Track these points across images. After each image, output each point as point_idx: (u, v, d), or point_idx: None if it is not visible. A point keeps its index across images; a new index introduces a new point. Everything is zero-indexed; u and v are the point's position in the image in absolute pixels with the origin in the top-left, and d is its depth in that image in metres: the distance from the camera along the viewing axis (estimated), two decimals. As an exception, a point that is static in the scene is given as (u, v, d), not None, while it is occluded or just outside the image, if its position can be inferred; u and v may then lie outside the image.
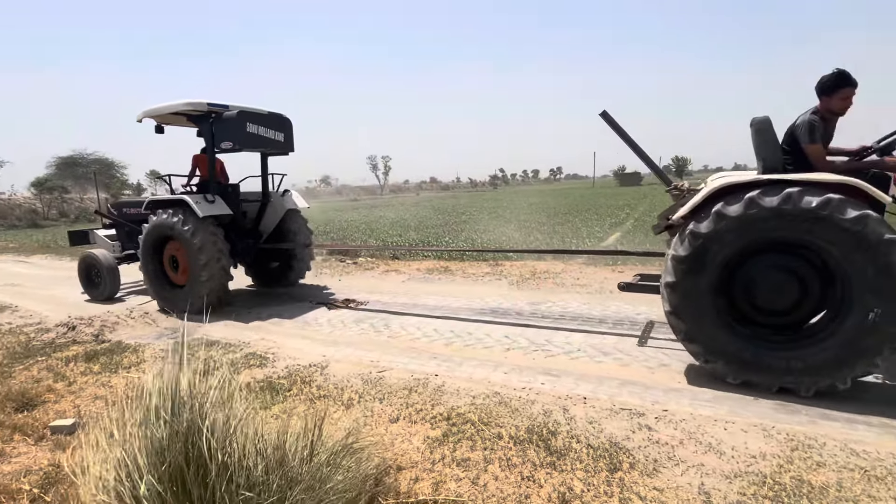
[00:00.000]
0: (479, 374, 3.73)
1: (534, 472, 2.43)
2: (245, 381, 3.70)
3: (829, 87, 3.41)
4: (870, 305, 2.94)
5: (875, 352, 2.94)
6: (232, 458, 1.73)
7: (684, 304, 3.37)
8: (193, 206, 5.66)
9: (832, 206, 2.93)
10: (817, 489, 2.21)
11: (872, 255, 2.89)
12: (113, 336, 5.10)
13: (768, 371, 3.20)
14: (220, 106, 5.82)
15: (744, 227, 3.15)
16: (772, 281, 3.24)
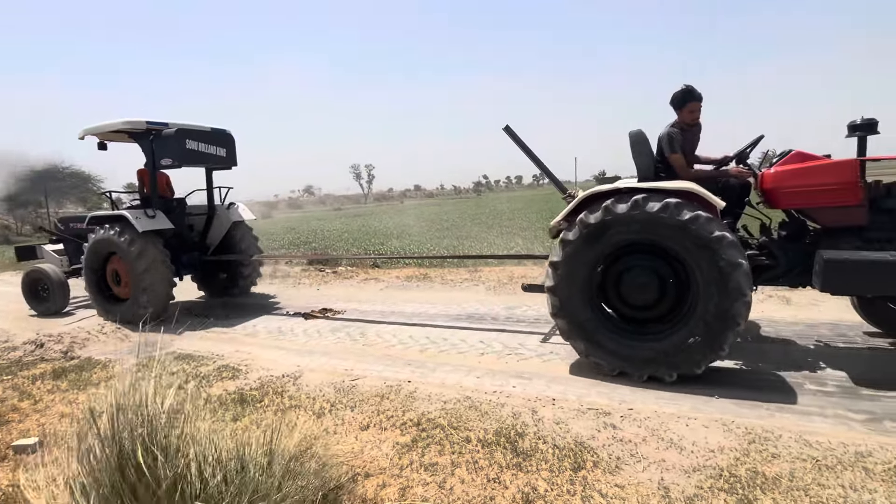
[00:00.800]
0: (452, 380, 3.76)
1: (500, 474, 2.47)
2: (216, 394, 3.67)
3: (677, 102, 3.87)
4: (713, 297, 3.25)
5: (723, 340, 3.26)
6: (187, 470, 1.73)
7: (563, 306, 3.65)
8: (133, 221, 5.82)
9: (670, 210, 3.26)
10: (771, 480, 2.28)
11: (706, 251, 3.21)
12: (83, 352, 5.01)
13: (640, 361, 3.48)
14: (159, 124, 6.00)
15: (606, 231, 3.46)
16: (635, 279, 3.56)
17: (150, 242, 5.91)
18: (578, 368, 3.82)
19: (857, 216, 3.42)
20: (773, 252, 3.69)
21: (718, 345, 3.27)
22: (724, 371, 3.61)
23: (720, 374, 3.57)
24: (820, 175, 3.43)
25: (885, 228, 3.41)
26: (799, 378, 3.41)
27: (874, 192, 3.44)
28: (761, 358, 3.84)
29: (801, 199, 3.54)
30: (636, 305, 3.61)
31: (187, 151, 6.02)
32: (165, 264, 6.02)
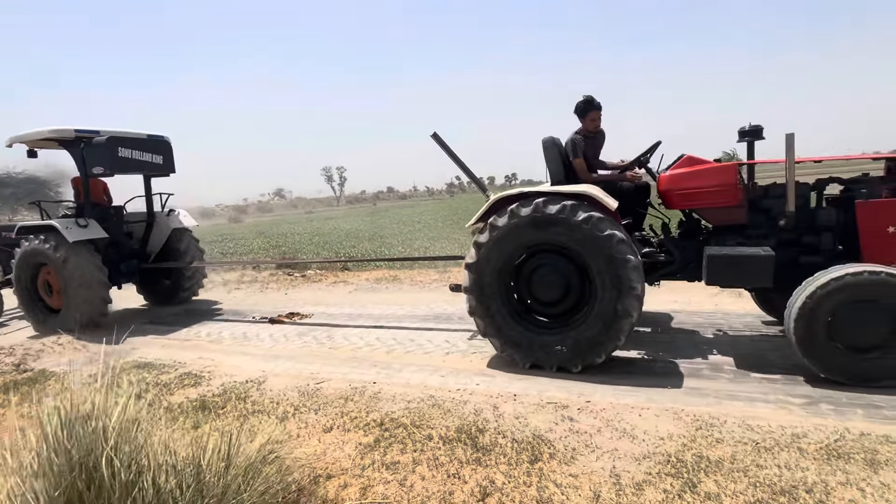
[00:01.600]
0: (417, 380, 3.81)
1: (459, 469, 2.52)
2: (178, 402, 3.61)
3: (579, 111, 4.20)
4: (608, 291, 3.49)
5: (618, 331, 3.51)
6: (139, 478, 1.72)
7: (479, 304, 3.84)
8: (63, 231, 5.70)
9: (566, 211, 3.50)
10: (714, 463, 2.41)
11: (599, 248, 3.46)
12: (37, 364, 4.84)
13: (550, 353, 3.71)
14: (89, 132, 5.90)
15: (512, 234, 3.67)
16: (542, 278, 3.79)
17: (82, 252, 5.80)
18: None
19: (738, 215, 3.72)
20: (669, 249, 3.95)
21: (615, 336, 3.52)
22: (678, 363, 3.77)
23: (674, 366, 3.73)
24: (705, 178, 3.70)
25: (762, 226, 3.72)
26: (745, 367, 3.59)
27: (753, 194, 3.76)
28: (713, 349, 4.02)
29: (691, 200, 3.81)
30: (545, 302, 3.84)
31: (120, 159, 5.94)
32: (98, 274, 5.90)
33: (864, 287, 2.99)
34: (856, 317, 3.02)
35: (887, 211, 3.33)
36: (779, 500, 2.11)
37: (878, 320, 3.01)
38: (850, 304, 3.02)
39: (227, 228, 34.24)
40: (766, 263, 3.33)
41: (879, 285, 2.96)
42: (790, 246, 3.63)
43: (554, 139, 4.21)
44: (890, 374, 3.06)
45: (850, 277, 2.98)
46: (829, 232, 3.57)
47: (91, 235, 5.92)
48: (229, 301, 7.56)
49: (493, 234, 3.72)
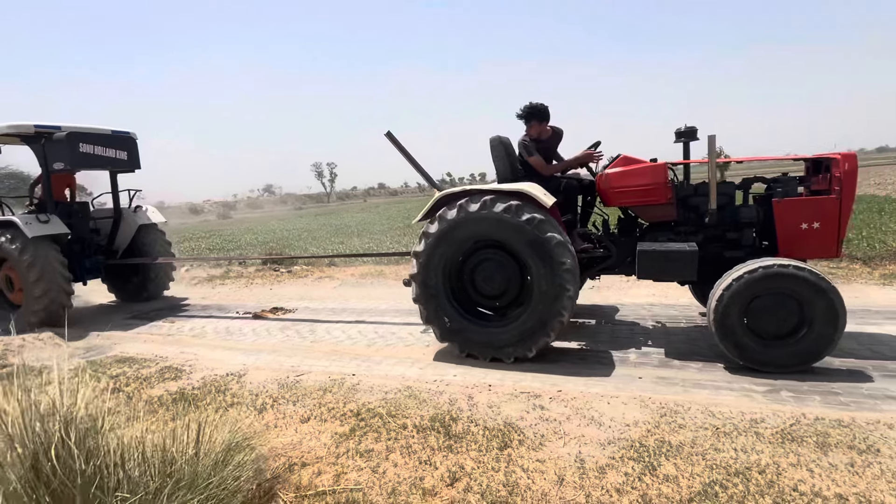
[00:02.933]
0: (396, 372, 3.87)
1: (431, 456, 2.59)
2: (157, 395, 3.64)
3: (525, 118, 4.34)
4: (542, 283, 3.62)
5: (548, 328, 3.66)
6: (105, 463, 1.76)
7: (423, 294, 3.98)
8: (22, 226, 5.68)
9: (487, 205, 3.66)
10: (675, 447, 2.50)
11: (526, 236, 3.60)
12: (16, 360, 4.82)
13: (484, 345, 3.88)
14: (50, 127, 5.87)
15: (451, 232, 3.81)
16: (483, 271, 3.94)
17: (43, 248, 5.76)
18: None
19: (668, 212, 3.89)
20: (607, 245, 4.10)
21: (557, 313, 3.64)
22: (650, 354, 3.88)
23: (646, 357, 3.83)
24: (637, 177, 3.84)
25: (691, 223, 3.88)
26: (714, 357, 3.69)
27: (683, 192, 3.90)
28: (685, 341, 4.14)
29: (625, 198, 3.95)
30: (486, 295, 3.99)
31: (81, 155, 5.92)
32: (59, 270, 5.86)
33: (774, 279, 3.15)
34: (768, 307, 3.18)
35: (800, 209, 3.50)
36: (732, 481, 2.20)
37: (788, 310, 3.18)
38: (763, 295, 3.20)
39: (215, 225, 33.96)
40: (690, 258, 3.49)
41: (787, 278, 3.13)
42: (715, 241, 3.81)
43: (501, 138, 4.31)
44: (800, 360, 3.24)
45: (761, 271, 3.14)
46: (750, 228, 3.75)
47: (51, 231, 5.88)
48: (214, 296, 7.57)
49: (441, 226, 3.85)
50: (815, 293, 3.10)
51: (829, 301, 3.09)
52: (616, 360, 3.82)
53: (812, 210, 3.51)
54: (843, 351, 3.61)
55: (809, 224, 3.51)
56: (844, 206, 3.44)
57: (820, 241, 3.53)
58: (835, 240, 3.51)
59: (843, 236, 3.53)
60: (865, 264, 6.04)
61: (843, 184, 3.41)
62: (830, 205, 3.45)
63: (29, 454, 1.66)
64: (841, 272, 5.88)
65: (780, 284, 3.16)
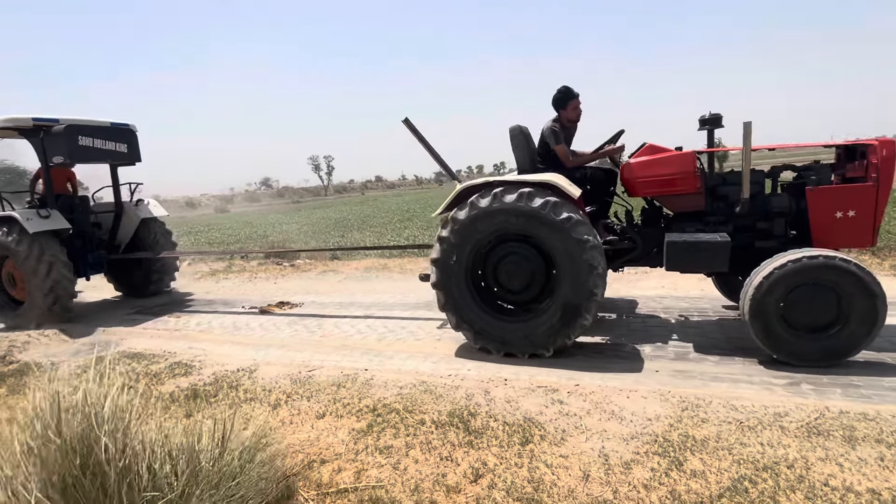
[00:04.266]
0: (409, 366, 3.84)
1: (452, 452, 2.56)
2: (168, 391, 3.60)
3: (558, 102, 4.22)
4: (569, 284, 3.52)
5: (585, 310, 3.54)
6: (134, 464, 1.72)
7: (445, 283, 3.89)
8: (23, 222, 5.59)
9: (523, 198, 3.54)
10: (699, 442, 2.47)
11: (559, 233, 3.49)
12: (23, 356, 4.77)
13: (503, 340, 3.80)
14: (48, 120, 5.76)
15: (474, 224, 3.71)
16: (507, 265, 3.83)
17: (43, 243, 5.67)
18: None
19: (696, 202, 3.80)
20: (632, 237, 4.02)
21: (582, 316, 3.56)
22: (665, 347, 3.85)
23: (662, 350, 3.81)
24: (664, 166, 3.77)
25: (720, 213, 3.80)
26: (731, 350, 3.67)
27: (711, 181, 3.82)
28: (700, 333, 4.11)
29: (651, 188, 3.88)
30: (512, 290, 3.88)
31: (80, 148, 5.83)
32: (61, 265, 5.77)
33: (810, 271, 3.09)
34: (805, 299, 3.12)
35: (834, 197, 3.44)
36: (762, 476, 2.18)
37: (826, 302, 3.12)
38: (800, 286, 3.14)
39: (213, 219, 33.79)
40: (722, 249, 3.42)
41: (823, 269, 3.07)
42: (746, 231, 3.73)
43: (521, 127, 4.23)
44: (826, 355, 3.18)
45: (806, 260, 3.07)
46: (782, 218, 3.68)
47: (53, 226, 5.80)
48: (218, 291, 7.50)
49: (454, 227, 3.78)
50: (862, 292, 3.02)
51: (873, 303, 3.02)
52: (632, 353, 3.79)
53: (847, 198, 3.42)
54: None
55: (844, 212, 3.43)
56: (882, 193, 3.37)
57: (855, 230, 3.45)
58: (870, 229, 3.44)
59: (878, 225, 3.47)
60: (875, 255, 6.01)
61: (881, 170, 3.33)
62: (867, 192, 3.37)
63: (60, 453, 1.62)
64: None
65: (826, 277, 3.07)
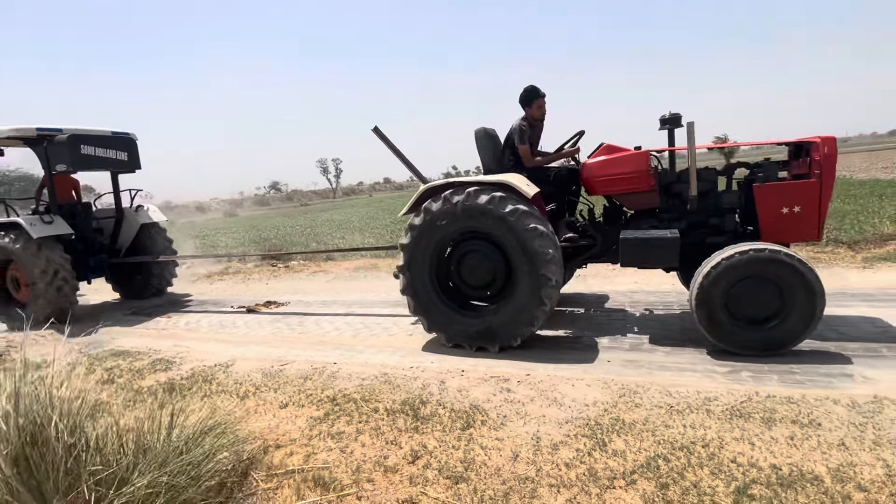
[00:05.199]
0: (376, 360, 4.01)
1: (398, 437, 2.73)
2: (147, 385, 3.82)
3: (524, 101, 4.33)
4: (526, 273, 3.66)
5: (532, 318, 3.72)
6: (82, 440, 1.92)
7: (411, 286, 4.07)
8: (27, 227, 5.89)
9: (472, 196, 3.73)
10: (627, 425, 2.62)
11: (506, 225, 3.64)
12: (18, 354, 5.03)
13: (472, 335, 3.94)
14: (52, 130, 6.05)
15: (436, 223, 3.88)
16: (468, 263, 4.01)
17: (47, 248, 5.95)
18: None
19: (651, 200, 3.94)
20: (591, 234, 4.16)
21: (541, 303, 3.69)
22: (623, 339, 3.99)
23: (619, 341, 3.95)
24: (619, 165, 3.91)
25: (674, 210, 3.93)
26: (684, 341, 3.79)
27: (666, 179, 3.94)
28: (660, 326, 4.24)
29: (608, 187, 4.01)
30: (475, 286, 4.06)
31: (82, 156, 6.12)
32: (63, 269, 6.05)
33: (756, 264, 3.20)
34: (749, 291, 3.24)
35: (780, 193, 3.54)
36: (676, 455, 2.32)
37: (769, 295, 3.23)
38: (745, 279, 3.25)
39: (221, 223, 34.30)
40: (672, 245, 3.55)
41: (768, 262, 3.18)
42: (700, 228, 3.85)
43: (486, 130, 4.39)
44: (776, 345, 3.29)
45: (753, 253, 3.19)
46: (732, 214, 3.80)
47: (55, 231, 6.09)
48: (212, 292, 7.76)
49: (413, 233, 3.98)
50: (803, 287, 3.12)
51: (812, 299, 3.12)
52: (589, 345, 3.93)
53: (792, 194, 3.53)
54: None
55: (790, 208, 3.53)
56: (825, 189, 3.46)
57: (801, 225, 3.55)
58: (816, 223, 3.54)
59: (823, 219, 3.57)
60: (850, 248, 6.07)
61: (823, 167, 3.43)
62: (810, 188, 3.48)
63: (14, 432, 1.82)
64: (825, 256, 5.92)
65: (770, 270, 3.18)
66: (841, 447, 2.26)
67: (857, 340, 3.50)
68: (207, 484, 2.30)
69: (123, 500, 1.81)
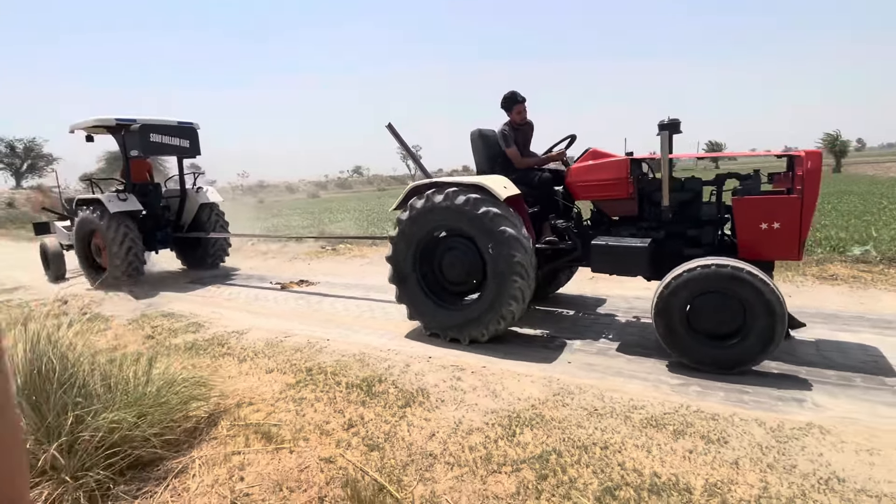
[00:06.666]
0: (364, 340, 4.42)
1: (345, 407, 3.12)
2: (176, 343, 4.53)
3: (504, 106, 4.48)
4: (496, 272, 3.86)
5: (499, 316, 3.93)
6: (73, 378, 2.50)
7: (395, 275, 4.40)
8: (106, 203, 6.94)
9: (450, 196, 3.96)
10: (544, 420, 2.79)
11: (479, 226, 3.86)
12: (97, 309, 6.09)
13: (445, 326, 4.21)
14: (127, 120, 7.04)
15: (418, 220, 4.17)
16: (447, 259, 4.24)
17: (121, 221, 6.99)
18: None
19: (629, 207, 3.91)
20: (571, 238, 4.18)
21: (507, 304, 3.88)
22: (595, 343, 4.06)
23: (590, 345, 4.02)
24: (599, 171, 3.90)
25: (653, 218, 3.86)
26: (655, 349, 3.79)
27: (646, 187, 3.88)
28: (640, 332, 4.23)
29: (589, 192, 4.03)
30: (453, 281, 4.29)
31: (151, 143, 7.11)
32: (136, 242, 7.10)
33: (716, 279, 3.14)
34: (709, 306, 3.18)
35: (759, 208, 3.37)
36: (570, 451, 2.48)
37: (730, 312, 3.17)
38: (707, 293, 3.20)
39: (303, 203, 36.80)
40: (640, 254, 3.54)
41: (729, 279, 3.12)
42: (677, 238, 3.76)
43: (481, 131, 4.55)
44: (729, 364, 3.23)
45: (715, 268, 3.14)
46: (711, 226, 3.67)
47: (129, 208, 7.15)
48: (261, 268, 8.65)
49: (400, 228, 4.29)
50: (762, 307, 3.07)
51: (772, 321, 3.05)
52: (559, 346, 4.04)
53: (771, 209, 3.38)
54: (793, 355, 3.55)
55: (769, 224, 3.40)
56: (806, 206, 3.30)
57: (780, 242, 3.40)
58: (796, 241, 3.38)
59: (804, 237, 3.41)
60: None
61: (805, 183, 3.28)
62: (791, 204, 3.32)
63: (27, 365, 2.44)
64: (869, 276, 5.42)
65: (731, 287, 3.13)
66: (732, 465, 2.29)
67: (837, 368, 3.32)
68: (180, 425, 2.85)
69: (94, 426, 2.36)
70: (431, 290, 4.37)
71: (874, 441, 2.41)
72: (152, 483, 2.42)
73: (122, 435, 2.39)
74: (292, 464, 2.55)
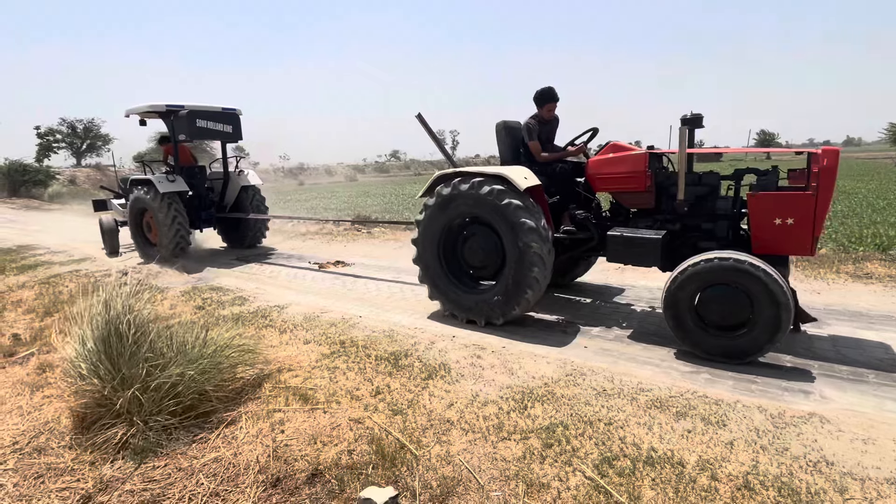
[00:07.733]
0: (394, 319, 4.73)
1: (374, 377, 3.43)
2: (223, 314, 4.98)
3: (537, 100, 4.61)
4: (514, 259, 4.07)
5: (514, 303, 4.14)
6: (143, 337, 2.90)
7: (420, 257, 4.66)
8: (156, 184, 7.49)
9: (475, 186, 4.16)
10: (555, 397, 3.01)
11: (501, 216, 4.05)
12: (154, 281, 6.66)
13: (463, 307, 4.47)
14: (176, 106, 7.53)
15: (444, 206, 4.40)
16: (469, 244, 4.47)
17: (170, 201, 7.53)
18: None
19: (646, 200, 4.01)
20: (589, 228, 4.32)
21: (524, 291, 4.08)
22: (612, 330, 4.22)
23: (608, 332, 4.18)
24: (618, 164, 3.99)
25: (669, 211, 3.94)
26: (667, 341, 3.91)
27: (664, 181, 3.95)
28: (657, 323, 4.35)
29: (608, 185, 4.13)
30: (474, 265, 4.52)
31: (197, 128, 7.58)
32: (183, 221, 7.65)
33: (721, 272, 3.26)
34: (717, 298, 3.29)
35: (773, 203, 3.42)
36: (576, 425, 2.70)
37: (737, 304, 3.28)
38: (715, 285, 3.34)
39: (341, 186, 37.66)
40: (653, 246, 3.66)
41: (733, 271, 3.23)
42: (694, 231, 3.84)
43: (506, 123, 4.70)
44: (738, 354, 3.35)
45: (717, 261, 3.25)
46: (726, 220, 3.74)
47: (177, 188, 7.68)
48: (301, 248, 9.12)
49: (426, 212, 4.54)
50: (767, 298, 3.17)
51: (777, 312, 3.15)
52: (579, 332, 4.22)
53: (786, 205, 3.45)
54: (809, 350, 3.61)
55: (783, 220, 3.48)
56: (820, 203, 3.36)
57: (793, 238, 3.48)
58: (809, 237, 3.46)
59: (818, 234, 3.47)
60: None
61: (821, 180, 3.33)
62: (805, 201, 3.39)
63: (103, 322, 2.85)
64: (906, 276, 5.29)
65: (736, 279, 3.26)
66: (727, 445, 2.46)
67: (852, 364, 3.38)
68: (230, 385, 3.23)
69: (162, 379, 2.75)
70: (452, 273, 4.62)
71: (871, 431, 2.52)
72: (206, 430, 2.81)
73: (185, 385, 2.77)
74: (325, 422, 2.87)
